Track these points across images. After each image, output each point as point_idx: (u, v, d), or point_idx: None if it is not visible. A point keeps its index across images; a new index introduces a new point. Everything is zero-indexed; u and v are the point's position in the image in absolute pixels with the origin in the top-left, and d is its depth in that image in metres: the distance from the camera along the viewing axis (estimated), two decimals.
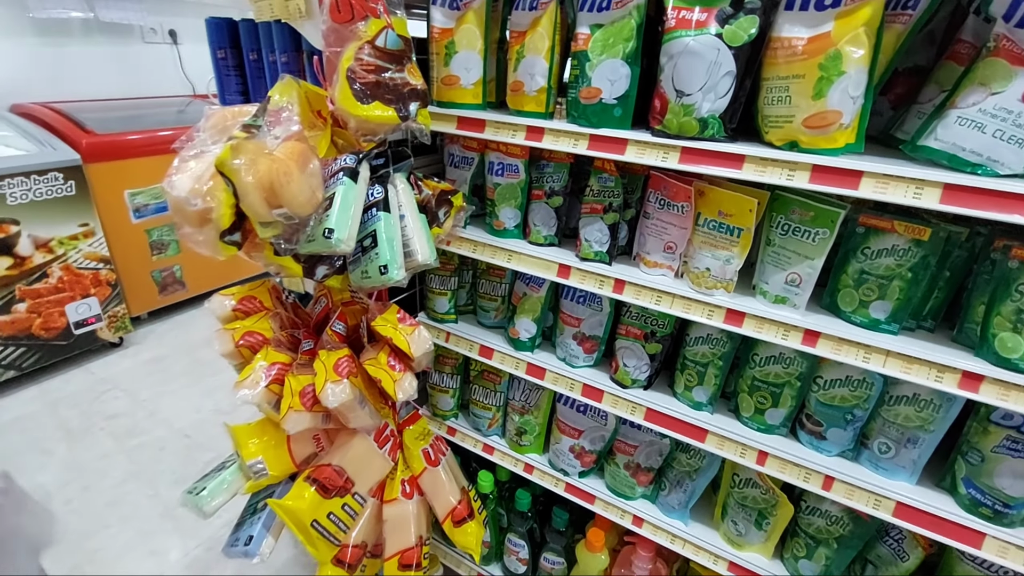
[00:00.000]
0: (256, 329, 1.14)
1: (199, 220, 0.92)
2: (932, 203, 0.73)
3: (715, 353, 1.03)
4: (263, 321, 1.15)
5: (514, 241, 1.17)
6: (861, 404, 0.92)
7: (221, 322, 1.16)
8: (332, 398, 1.04)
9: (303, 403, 1.06)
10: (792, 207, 0.88)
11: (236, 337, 1.12)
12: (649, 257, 1.04)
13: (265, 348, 1.13)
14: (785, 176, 0.81)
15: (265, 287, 1.19)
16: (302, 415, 1.06)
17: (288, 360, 1.13)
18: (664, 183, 0.98)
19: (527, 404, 1.33)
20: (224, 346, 1.11)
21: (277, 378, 1.10)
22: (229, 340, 1.11)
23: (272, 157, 0.85)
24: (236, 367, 1.18)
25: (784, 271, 0.90)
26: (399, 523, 1.26)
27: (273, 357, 1.11)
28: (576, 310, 1.16)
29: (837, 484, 0.93)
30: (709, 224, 0.95)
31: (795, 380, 0.97)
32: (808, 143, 0.79)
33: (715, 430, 1.03)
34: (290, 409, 1.06)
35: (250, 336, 1.13)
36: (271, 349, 1.12)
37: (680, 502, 1.18)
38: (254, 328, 1.14)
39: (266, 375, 1.09)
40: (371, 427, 1.20)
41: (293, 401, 1.06)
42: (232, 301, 1.15)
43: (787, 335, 0.89)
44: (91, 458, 2.16)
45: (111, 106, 3.12)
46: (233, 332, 1.12)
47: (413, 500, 1.28)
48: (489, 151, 1.15)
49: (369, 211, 0.99)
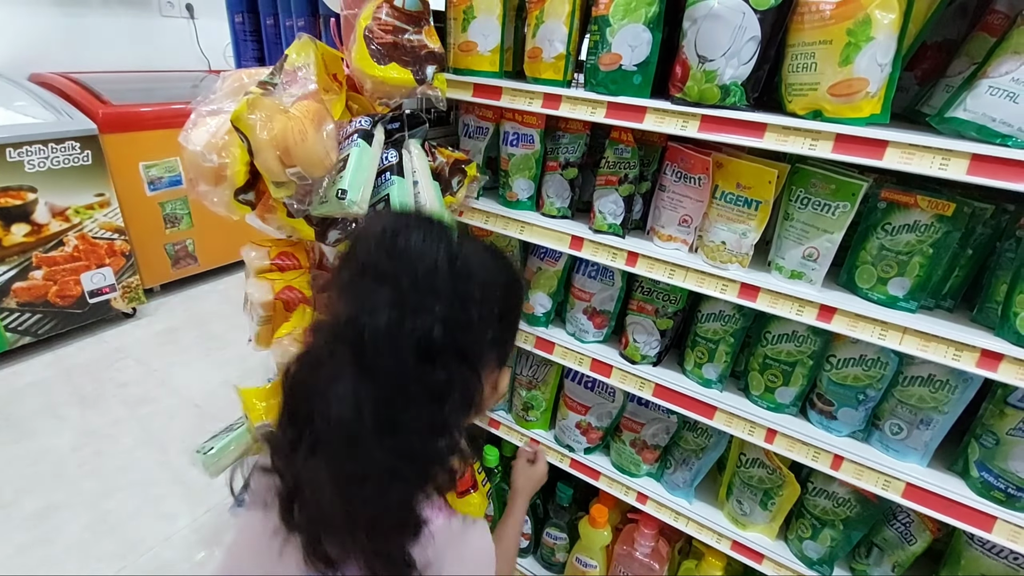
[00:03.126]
0: (296, 285, 1.12)
1: (214, 177, 0.93)
2: (959, 174, 0.71)
3: (726, 330, 1.02)
4: (303, 279, 1.14)
5: (527, 212, 1.16)
6: (874, 384, 0.91)
7: (254, 273, 1.14)
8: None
9: None
10: (813, 179, 0.86)
11: (277, 288, 1.10)
12: (663, 231, 1.02)
13: (302, 308, 1.11)
14: (808, 145, 0.79)
15: (302, 245, 1.18)
16: None
17: None
18: (682, 155, 0.97)
19: (535, 379, 1.32)
20: (262, 294, 1.09)
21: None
22: (269, 290, 1.09)
23: (288, 115, 0.85)
24: (259, 321, 1.16)
25: (801, 246, 0.89)
26: None
27: (312, 318, 1.10)
28: (588, 284, 1.16)
29: (846, 464, 0.92)
30: (726, 197, 0.93)
31: (807, 359, 0.96)
32: (832, 112, 0.78)
33: (724, 407, 1.02)
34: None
35: (290, 291, 1.11)
36: (308, 310, 1.11)
37: (685, 480, 1.17)
38: (294, 283, 1.12)
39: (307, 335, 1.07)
40: None
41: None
42: (269, 252, 1.13)
43: (802, 310, 0.88)
44: (103, 424, 2.19)
45: (128, 78, 3.13)
46: (273, 283, 1.10)
47: None
48: (504, 121, 1.14)
49: (383, 175, 0.99)
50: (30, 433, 2.12)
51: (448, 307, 0.55)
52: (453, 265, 0.57)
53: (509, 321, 0.69)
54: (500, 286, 0.64)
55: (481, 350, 0.61)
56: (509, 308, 0.68)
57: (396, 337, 0.53)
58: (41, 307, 2.54)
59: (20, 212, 2.38)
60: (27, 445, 2.06)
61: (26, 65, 2.90)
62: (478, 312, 0.58)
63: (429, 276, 0.55)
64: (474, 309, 0.57)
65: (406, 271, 0.54)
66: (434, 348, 0.54)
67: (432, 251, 0.55)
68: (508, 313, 0.67)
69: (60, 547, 1.68)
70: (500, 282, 0.65)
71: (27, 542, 1.69)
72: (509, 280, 0.68)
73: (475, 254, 0.62)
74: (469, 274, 0.58)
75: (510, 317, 0.70)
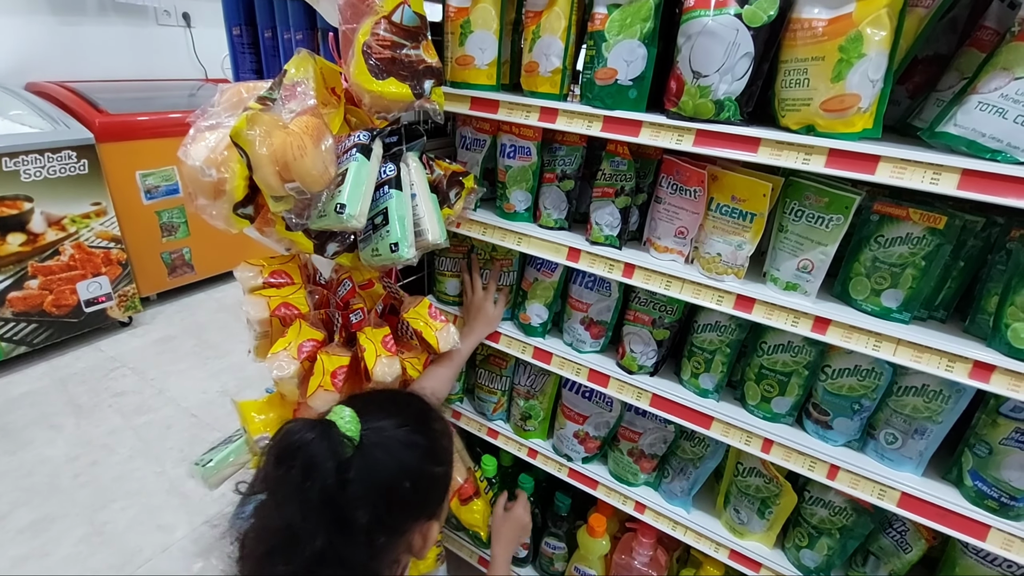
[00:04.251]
0: (292, 301, 1.11)
1: (213, 192, 0.93)
2: (950, 189, 0.72)
3: (723, 340, 1.03)
4: (298, 295, 1.13)
5: (524, 224, 1.16)
6: (869, 394, 0.91)
7: (248, 291, 1.13)
8: (387, 372, 1.05)
9: (334, 383, 1.05)
10: (806, 193, 0.87)
11: (273, 305, 1.09)
12: (660, 242, 1.03)
13: (299, 322, 1.11)
14: (801, 160, 0.80)
15: (295, 263, 1.18)
16: (331, 395, 1.04)
17: (322, 337, 1.11)
18: (677, 167, 0.98)
19: (533, 389, 1.33)
20: (258, 311, 1.08)
21: (310, 355, 1.09)
22: (265, 307, 1.08)
23: (287, 130, 0.86)
24: (257, 336, 1.16)
25: (796, 258, 0.90)
26: None
27: (308, 333, 1.09)
28: (584, 295, 1.16)
29: (842, 473, 0.92)
30: (722, 209, 0.94)
31: (803, 369, 0.97)
32: (825, 127, 0.79)
33: (721, 417, 1.03)
34: (320, 388, 1.04)
35: (285, 307, 1.10)
36: (305, 325, 1.11)
37: (683, 489, 1.18)
38: (290, 300, 1.11)
39: (302, 350, 1.07)
40: None
41: (324, 380, 1.04)
42: (262, 273, 1.12)
43: (797, 322, 0.89)
44: (99, 434, 2.18)
45: (124, 87, 3.14)
46: (269, 300, 1.09)
47: None
48: (501, 133, 1.15)
49: (381, 188, 1.00)
50: (25, 444, 2.11)
51: (333, 525, 0.59)
52: (343, 478, 0.59)
53: (424, 494, 0.71)
54: (408, 474, 0.66)
55: (388, 538, 0.65)
56: (424, 485, 0.69)
57: (298, 540, 0.59)
58: (36, 317, 2.54)
59: (16, 222, 2.38)
60: (22, 456, 2.05)
61: (22, 74, 2.90)
62: (370, 514, 0.60)
63: (318, 493, 0.58)
64: (364, 513, 0.60)
65: (296, 486, 0.59)
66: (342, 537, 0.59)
67: (322, 465, 0.58)
68: (424, 488, 0.69)
69: (56, 559, 1.67)
70: (408, 470, 0.66)
71: (22, 555, 1.68)
72: (421, 464, 0.69)
73: (381, 447, 0.64)
74: (367, 479, 0.60)
75: (424, 490, 0.70)
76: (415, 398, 0.78)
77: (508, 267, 1.26)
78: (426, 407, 0.76)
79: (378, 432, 0.65)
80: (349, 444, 0.60)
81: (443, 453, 0.73)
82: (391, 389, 0.79)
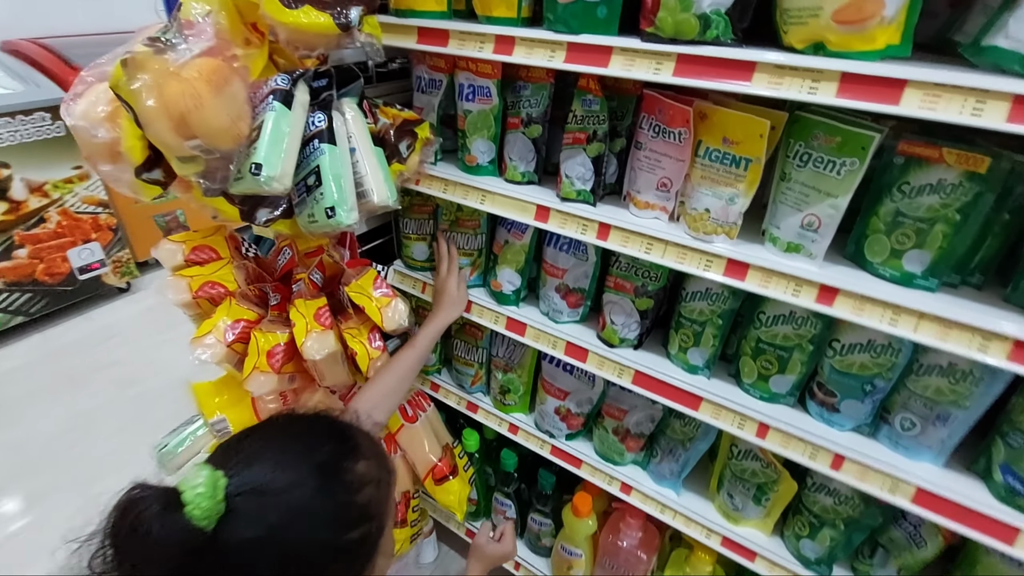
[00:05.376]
0: (216, 279, 1.01)
1: (110, 154, 0.80)
2: (997, 121, 0.55)
3: (714, 310, 0.89)
4: (225, 271, 1.02)
5: (488, 179, 1.02)
6: (884, 373, 0.77)
7: (172, 272, 1.04)
8: (317, 349, 0.95)
9: (271, 364, 0.96)
10: (814, 131, 0.70)
11: (194, 286, 1.00)
12: (640, 197, 0.88)
13: (228, 301, 1.01)
14: (807, 89, 0.63)
15: (221, 235, 1.06)
16: (269, 377, 0.96)
17: (255, 316, 1.02)
18: (659, 104, 0.81)
19: (510, 361, 1.22)
20: (178, 294, 0.99)
21: (241, 336, 0.99)
22: (185, 288, 0.99)
23: (178, 77, 0.71)
24: (193, 318, 1.08)
25: (800, 212, 0.74)
26: None
27: (237, 312, 1.00)
28: (559, 259, 1.02)
29: (848, 463, 0.80)
30: (711, 154, 0.78)
31: (807, 343, 0.83)
32: (838, 44, 0.61)
33: (711, 397, 0.90)
34: (255, 370, 0.96)
35: (210, 287, 1.00)
36: (234, 303, 1.01)
37: (672, 471, 1.07)
38: (214, 278, 1.01)
39: (229, 332, 0.98)
40: (344, 384, 1.11)
41: (259, 361, 0.96)
42: (183, 249, 1.02)
43: (799, 291, 0.74)
44: (92, 406, 2.17)
45: (100, 41, 2.97)
46: (190, 280, 1.00)
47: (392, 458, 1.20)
48: (458, 71, 0.98)
49: (311, 144, 0.85)
50: (18, 419, 2.10)
51: None
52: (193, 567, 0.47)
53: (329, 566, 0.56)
54: (297, 554, 0.53)
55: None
56: (327, 559, 0.55)
57: None
58: (30, 286, 2.50)
59: None
60: (14, 431, 2.04)
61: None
62: None
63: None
64: None
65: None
66: None
67: (160, 552, 0.46)
68: (327, 562, 0.55)
69: (51, 534, 1.67)
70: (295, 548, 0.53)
71: (17, 530, 1.68)
72: (320, 535, 0.54)
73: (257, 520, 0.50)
74: (230, 568, 0.49)
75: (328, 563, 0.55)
76: (326, 440, 0.59)
77: (476, 228, 1.12)
78: (340, 451, 0.59)
79: (256, 497, 0.50)
80: (206, 520, 0.47)
81: (362, 510, 0.57)
82: (298, 421, 0.61)
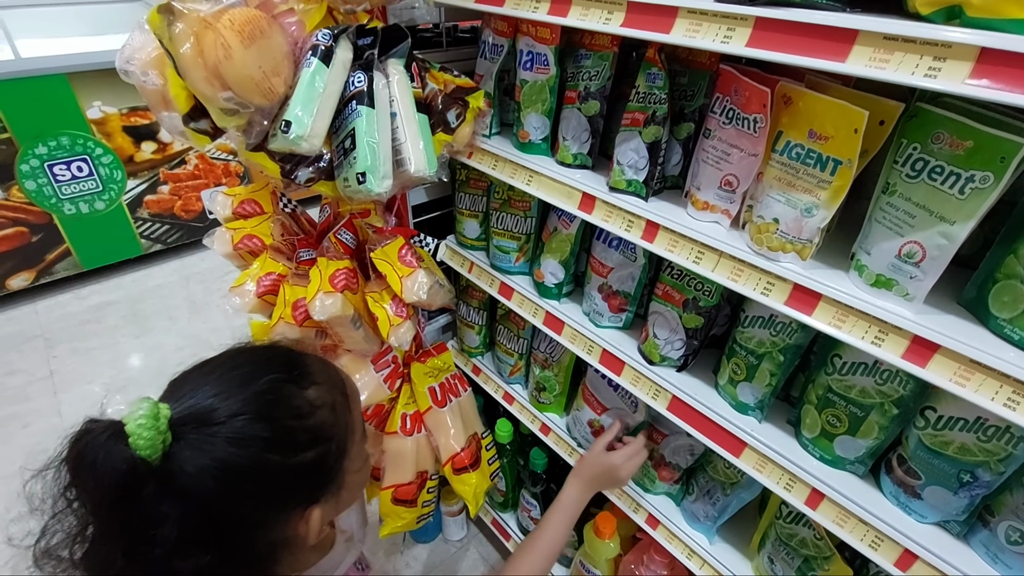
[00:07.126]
0: (256, 232, 1.07)
1: (162, 101, 0.83)
2: None
3: (776, 343, 0.72)
4: (264, 225, 1.08)
5: (539, 158, 0.92)
6: (992, 464, 0.57)
7: (224, 223, 1.11)
8: (320, 310, 0.95)
9: (295, 316, 1.00)
10: (936, 130, 0.52)
11: (235, 239, 1.06)
12: (699, 195, 0.73)
13: (264, 255, 1.06)
14: (925, 70, 0.46)
15: (267, 190, 1.11)
16: (291, 328, 1.00)
17: (286, 271, 1.06)
18: (735, 83, 0.66)
19: (550, 358, 1.12)
20: (222, 246, 1.06)
21: (271, 288, 1.04)
22: (228, 241, 1.06)
23: (210, 27, 0.70)
24: (239, 268, 1.14)
25: (900, 237, 0.56)
26: (396, 458, 1.19)
27: (270, 266, 1.05)
28: (607, 255, 0.91)
29: (920, 566, 0.61)
30: (792, 150, 0.62)
31: (891, 405, 0.64)
32: (981, 9, 0.43)
33: (757, 445, 0.74)
34: (280, 320, 1.00)
35: (249, 240, 1.06)
36: (268, 257, 1.05)
37: (708, 514, 0.93)
38: (254, 231, 1.07)
39: (259, 284, 1.03)
40: (366, 351, 1.11)
41: (284, 312, 1.00)
42: (232, 202, 1.08)
43: (881, 340, 0.57)
44: (204, 330, 2.44)
45: None
46: (233, 233, 1.06)
47: (413, 437, 1.19)
48: (520, 36, 0.88)
49: (349, 104, 0.82)
50: (149, 330, 2.43)
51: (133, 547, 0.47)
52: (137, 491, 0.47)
53: (273, 489, 0.54)
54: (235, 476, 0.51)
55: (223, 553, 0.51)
56: (268, 481, 0.53)
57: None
58: (169, 219, 2.85)
59: (147, 131, 2.62)
60: (144, 340, 2.36)
61: None
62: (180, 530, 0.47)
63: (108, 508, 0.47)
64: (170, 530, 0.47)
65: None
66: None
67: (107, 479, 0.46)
68: (270, 484, 0.54)
69: None
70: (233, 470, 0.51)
71: None
72: (259, 458, 0.52)
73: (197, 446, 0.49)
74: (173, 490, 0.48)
75: (271, 486, 0.54)
76: (271, 368, 0.57)
77: (527, 211, 1.03)
78: (285, 378, 0.56)
79: (199, 426, 0.51)
80: (150, 450, 0.47)
81: (314, 432, 0.57)
82: (247, 352, 0.60)
